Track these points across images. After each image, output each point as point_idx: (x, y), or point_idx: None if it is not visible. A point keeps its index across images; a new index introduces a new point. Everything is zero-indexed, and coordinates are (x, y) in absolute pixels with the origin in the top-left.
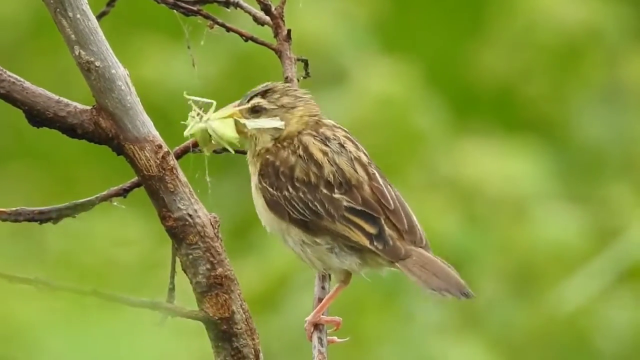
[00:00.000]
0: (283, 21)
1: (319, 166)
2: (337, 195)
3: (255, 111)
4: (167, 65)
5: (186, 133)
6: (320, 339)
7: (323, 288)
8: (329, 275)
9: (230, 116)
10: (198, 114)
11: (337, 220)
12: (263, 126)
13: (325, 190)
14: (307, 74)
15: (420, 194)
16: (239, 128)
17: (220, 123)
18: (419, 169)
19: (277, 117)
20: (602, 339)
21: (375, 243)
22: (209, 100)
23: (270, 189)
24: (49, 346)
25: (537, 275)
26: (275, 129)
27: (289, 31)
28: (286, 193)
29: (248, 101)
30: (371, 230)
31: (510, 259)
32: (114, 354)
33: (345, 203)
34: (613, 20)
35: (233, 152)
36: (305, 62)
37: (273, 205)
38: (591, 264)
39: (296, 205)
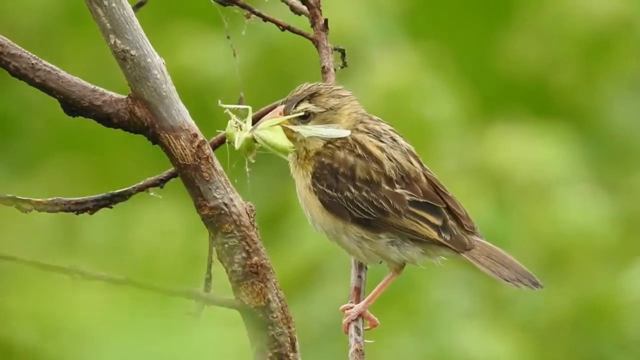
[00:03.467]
0: (320, 11)
1: (379, 163)
2: (399, 191)
3: (305, 117)
4: (202, 54)
5: (237, 147)
6: (357, 329)
7: (359, 277)
8: (366, 266)
9: (280, 124)
10: (237, 124)
11: (403, 215)
12: (325, 135)
13: (387, 187)
14: (344, 64)
15: (448, 180)
16: (288, 134)
17: (270, 132)
18: (442, 156)
19: (329, 121)
20: (632, 326)
21: (443, 235)
22: (245, 106)
23: (329, 191)
24: (83, 339)
25: (566, 261)
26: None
27: (325, 21)
28: (348, 194)
29: (295, 107)
30: (436, 221)
31: (538, 244)
32: (150, 348)
33: (407, 197)
34: None
35: (286, 158)
36: (342, 52)
37: (331, 206)
38: None
39: (360, 204)
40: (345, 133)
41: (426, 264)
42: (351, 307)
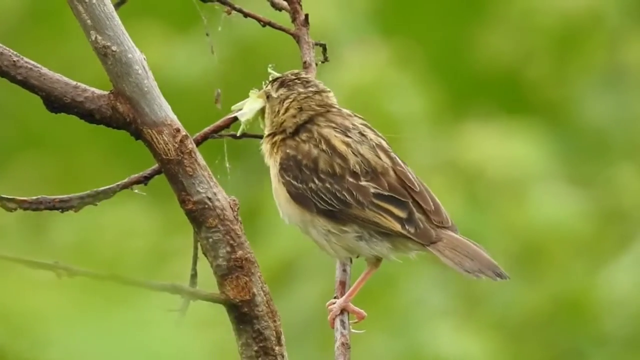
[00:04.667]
0: (300, 6)
1: (344, 158)
2: (363, 183)
3: (267, 97)
4: (173, 53)
5: (233, 107)
6: (342, 322)
7: (344, 271)
8: (351, 259)
9: (259, 97)
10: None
11: (366, 207)
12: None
13: (351, 179)
14: (326, 59)
15: (421, 176)
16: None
17: (252, 102)
18: (411, 152)
19: (275, 108)
20: (609, 321)
21: (407, 227)
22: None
23: (295, 182)
24: (64, 336)
25: (540, 257)
26: (261, 118)
27: (306, 16)
28: (312, 185)
29: (266, 86)
30: (401, 214)
31: (512, 241)
32: (131, 346)
33: (372, 190)
34: (614, 2)
35: (237, 134)
36: (324, 47)
37: (298, 197)
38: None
39: (324, 196)
40: (256, 105)
41: (402, 258)
42: (335, 303)
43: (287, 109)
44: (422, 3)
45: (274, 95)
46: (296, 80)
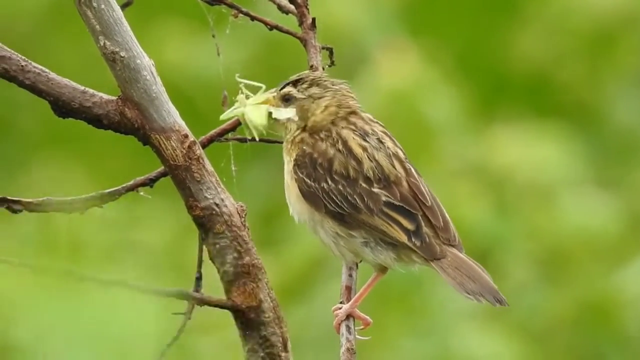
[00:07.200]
0: (308, 9)
1: (358, 161)
2: (376, 190)
3: (286, 100)
4: (189, 53)
5: (222, 117)
6: (348, 327)
7: (350, 276)
8: (356, 264)
9: (264, 103)
10: (240, 99)
11: (375, 214)
12: (280, 117)
13: (364, 184)
14: (332, 63)
15: (448, 181)
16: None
17: (254, 109)
18: (442, 157)
19: (306, 108)
20: (632, 324)
21: (413, 239)
22: (259, 84)
23: (307, 180)
24: (32, 323)
25: (567, 262)
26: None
27: (313, 19)
28: (324, 185)
29: (281, 89)
30: (409, 226)
31: (538, 245)
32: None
33: (384, 198)
34: None
35: (257, 139)
36: (330, 51)
37: (309, 196)
38: None
39: (335, 197)
40: (292, 114)
41: (404, 269)
42: (341, 308)
43: (326, 107)
44: (452, 1)
45: (302, 95)
46: (324, 80)
